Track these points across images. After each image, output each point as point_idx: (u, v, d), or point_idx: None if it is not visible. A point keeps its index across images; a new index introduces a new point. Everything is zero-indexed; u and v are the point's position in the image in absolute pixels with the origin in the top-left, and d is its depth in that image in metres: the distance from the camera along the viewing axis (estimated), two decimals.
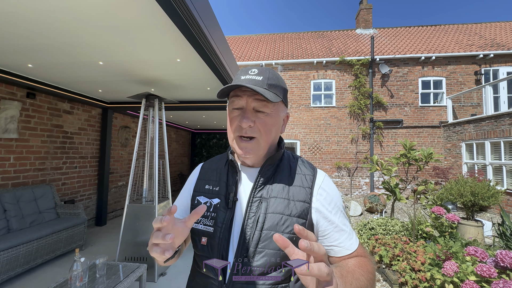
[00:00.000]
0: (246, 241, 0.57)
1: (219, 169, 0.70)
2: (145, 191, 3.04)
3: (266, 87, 0.58)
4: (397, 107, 8.09)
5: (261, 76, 0.59)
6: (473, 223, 3.44)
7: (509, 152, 5.51)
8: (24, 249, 2.59)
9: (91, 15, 1.66)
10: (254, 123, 0.59)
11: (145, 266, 2.19)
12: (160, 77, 2.99)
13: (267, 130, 0.60)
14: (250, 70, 0.60)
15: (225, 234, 0.59)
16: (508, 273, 1.73)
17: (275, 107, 0.61)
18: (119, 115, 5.21)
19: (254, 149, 0.61)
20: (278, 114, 0.63)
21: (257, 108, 0.59)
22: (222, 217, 0.60)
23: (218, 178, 0.67)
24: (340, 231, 0.60)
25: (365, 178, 8.03)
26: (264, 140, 0.61)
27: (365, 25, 11.14)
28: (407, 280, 2.31)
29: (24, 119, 3.29)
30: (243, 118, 0.58)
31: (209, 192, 0.66)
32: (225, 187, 0.65)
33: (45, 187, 3.39)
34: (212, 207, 0.63)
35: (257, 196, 0.61)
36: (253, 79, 0.58)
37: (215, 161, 0.74)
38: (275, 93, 0.59)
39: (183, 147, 9.43)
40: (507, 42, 8.30)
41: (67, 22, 1.75)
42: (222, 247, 0.58)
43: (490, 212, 5.75)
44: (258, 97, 0.58)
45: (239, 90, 0.60)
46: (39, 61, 2.53)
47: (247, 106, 0.59)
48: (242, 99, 0.59)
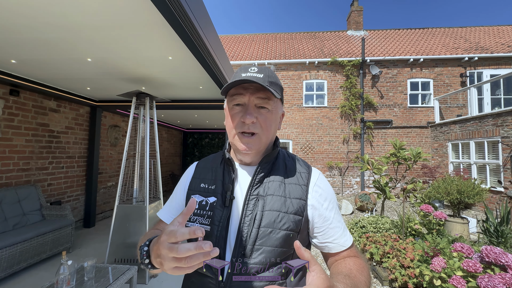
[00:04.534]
0: (244, 239, 0.57)
1: (214, 167, 0.70)
2: (135, 192, 2.97)
3: (267, 84, 0.58)
4: (386, 107, 8.27)
5: (262, 73, 0.60)
6: (459, 220, 3.56)
7: (492, 152, 5.73)
8: (7, 252, 2.48)
9: (81, 9, 1.60)
10: (257, 119, 0.60)
11: (136, 268, 2.14)
12: (151, 75, 2.93)
13: (268, 126, 0.62)
14: (250, 68, 0.61)
15: (222, 232, 0.59)
16: (493, 268, 1.79)
17: (275, 104, 0.63)
18: (109, 114, 5.08)
19: (256, 144, 0.62)
20: (277, 110, 0.65)
21: (259, 105, 0.61)
22: (219, 215, 0.60)
23: (214, 177, 0.67)
24: (335, 228, 0.61)
25: (356, 177, 8.17)
26: (265, 136, 0.62)
27: (356, 26, 11.32)
28: (397, 277, 2.36)
29: (7, 117, 3.15)
30: (247, 114, 0.59)
31: (204, 191, 0.65)
32: (221, 186, 0.65)
33: (30, 188, 3.26)
34: (208, 206, 0.62)
35: (254, 194, 0.61)
36: (255, 76, 0.58)
37: (210, 160, 0.74)
38: (275, 90, 0.60)
39: (175, 147, 9.30)
40: (490, 45, 8.63)
41: (54, 16, 1.68)
42: (219, 245, 0.58)
43: (475, 210, 5.97)
44: (260, 95, 0.60)
45: (240, 87, 0.61)
46: (23, 56, 2.43)
47: (249, 102, 0.61)
48: (245, 96, 0.60)
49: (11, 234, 2.66)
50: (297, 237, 0.59)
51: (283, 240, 0.57)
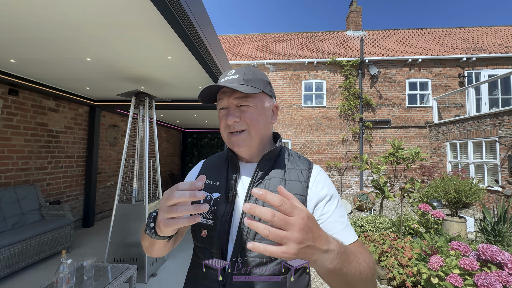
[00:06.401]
0: (244, 233, 0.59)
1: (219, 165, 0.73)
2: (134, 191, 2.98)
3: (242, 83, 0.62)
4: (385, 107, 8.30)
5: (237, 74, 0.63)
6: (456, 219, 3.59)
7: (489, 151, 5.77)
8: (6, 252, 2.48)
9: (80, 9, 1.61)
10: (240, 118, 0.63)
11: (135, 267, 2.14)
12: (150, 75, 2.94)
13: (254, 121, 0.64)
14: (228, 72, 0.66)
15: (225, 226, 0.61)
16: (489, 266, 1.81)
17: (256, 99, 0.64)
18: (107, 114, 5.07)
19: (246, 140, 0.64)
20: (262, 105, 0.66)
21: (239, 104, 0.63)
22: (222, 210, 0.63)
23: (218, 174, 0.70)
24: (334, 222, 0.61)
25: (354, 177, 8.19)
26: (253, 130, 0.64)
27: (355, 27, 11.35)
28: (395, 275, 2.38)
29: (6, 117, 3.15)
30: (228, 116, 0.63)
31: (209, 187, 0.68)
32: (225, 182, 0.67)
33: (29, 188, 3.26)
34: (212, 201, 0.65)
35: None
36: (230, 79, 0.63)
37: (216, 158, 0.77)
38: (252, 86, 0.62)
39: (174, 147, 9.29)
40: (488, 46, 8.68)
41: (54, 15, 1.69)
42: (222, 238, 0.60)
43: (472, 209, 6.00)
44: (237, 95, 0.63)
45: (221, 93, 0.65)
46: (23, 56, 2.43)
47: (229, 104, 0.64)
48: (224, 100, 0.64)
49: (10, 233, 2.66)
50: None
51: None
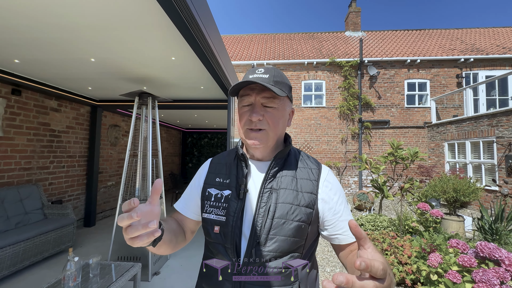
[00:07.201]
0: (258, 229, 0.61)
1: (228, 163, 0.74)
2: (137, 190, 3.00)
3: (272, 84, 0.63)
4: (384, 108, 8.36)
5: (267, 74, 0.64)
6: (455, 218, 3.64)
7: (487, 151, 5.83)
8: (10, 251, 2.50)
9: (84, 10, 1.63)
10: (263, 117, 0.64)
11: (140, 265, 2.17)
12: (153, 75, 2.96)
13: (275, 123, 0.65)
14: (257, 70, 0.66)
15: (237, 222, 0.63)
16: (487, 263, 1.86)
17: (281, 102, 0.66)
18: (109, 114, 5.09)
19: (263, 139, 0.65)
20: (284, 108, 0.68)
21: (265, 104, 0.65)
22: (234, 207, 0.65)
23: (228, 172, 0.72)
24: (344, 221, 0.65)
25: (354, 177, 8.24)
26: (272, 131, 0.66)
27: (354, 27, 11.41)
28: (394, 273, 2.42)
29: (9, 117, 3.16)
30: (253, 113, 0.63)
31: (219, 185, 0.70)
32: (235, 180, 0.69)
33: (32, 187, 3.27)
34: (223, 198, 0.67)
35: (267, 187, 0.65)
36: (260, 77, 0.63)
37: (224, 156, 0.78)
38: (280, 89, 0.64)
39: (174, 147, 9.30)
40: (486, 47, 8.76)
41: (58, 16, 1.71)
42: (235, 234, 0.62)
43: (470, 208, 6.07)
44: (265, 94, 0.64)
45: (248, 89, 0.65)
46: (27, 56, 2.45)
47: (256, 102, 0.65)
48: (251, 96, 0.65)
49: (14, 232, 2.68)
50: (308, 228, 0.63)
51: (296, 231, 0.61)
